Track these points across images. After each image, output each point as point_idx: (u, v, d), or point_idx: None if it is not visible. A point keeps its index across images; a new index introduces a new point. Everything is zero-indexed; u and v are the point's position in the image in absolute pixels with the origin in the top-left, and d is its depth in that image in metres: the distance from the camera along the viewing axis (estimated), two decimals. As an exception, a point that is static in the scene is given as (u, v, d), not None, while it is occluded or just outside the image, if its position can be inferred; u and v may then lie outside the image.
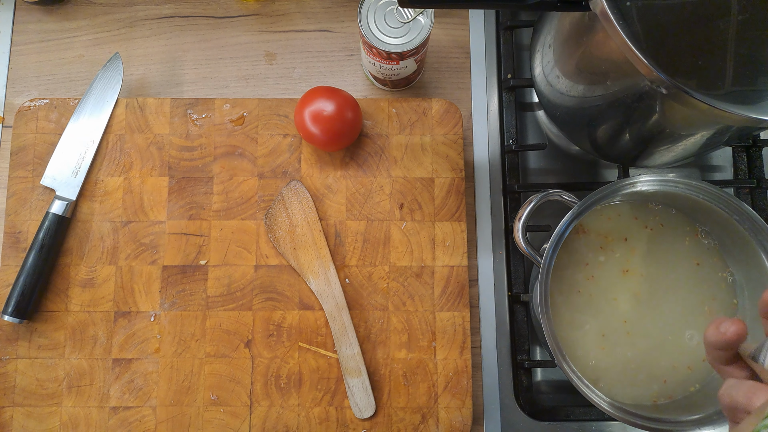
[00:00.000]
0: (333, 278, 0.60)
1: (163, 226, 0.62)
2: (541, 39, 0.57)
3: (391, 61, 0.58)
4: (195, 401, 0.59)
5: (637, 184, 0.51)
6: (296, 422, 0.59)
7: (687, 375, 0.54)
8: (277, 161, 0.63)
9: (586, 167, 0.68)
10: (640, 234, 0.56)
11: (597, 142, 0.59)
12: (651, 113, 0.48)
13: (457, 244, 0.62)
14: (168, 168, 0.63)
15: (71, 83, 0.67)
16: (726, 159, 0.67)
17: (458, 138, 0.64)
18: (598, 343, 0.54)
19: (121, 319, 0.60)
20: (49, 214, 0.60)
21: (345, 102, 0.60)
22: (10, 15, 0.68)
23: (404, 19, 0.57)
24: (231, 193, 0.62)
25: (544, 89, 0.59)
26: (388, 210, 0.62)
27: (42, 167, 0.62)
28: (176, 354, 0.60)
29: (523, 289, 0.62)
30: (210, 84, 0.67)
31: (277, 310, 0.61)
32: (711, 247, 0.56)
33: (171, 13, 0.68)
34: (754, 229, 0.51)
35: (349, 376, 0.59)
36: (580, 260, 0.55)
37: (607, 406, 0.48)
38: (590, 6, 0.42)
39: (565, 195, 0.53)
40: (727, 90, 0.41)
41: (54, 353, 0.60)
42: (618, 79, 0.47)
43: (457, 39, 0.69)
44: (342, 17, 0.69)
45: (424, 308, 0.61)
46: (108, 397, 0.59)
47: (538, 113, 0.69)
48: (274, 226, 0.62)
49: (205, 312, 0.60)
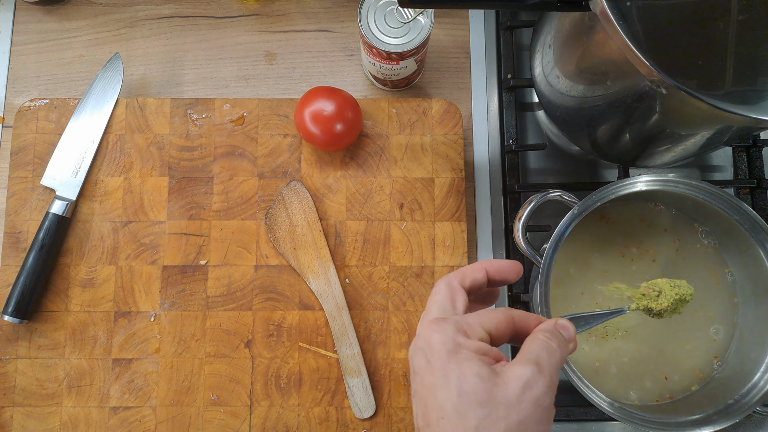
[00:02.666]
0: (333, 278, 0.60)
1: (163, 226, 0.62)
2: (541, 39, 0.57)
3: (391, 61, 0.58)
4: (195, 401, 0.59)
5: (637, 184, 0.51)
6: (296, 422, 0.59)
7: (687, 375, 0.54)
8: (277, 161, 0.63)
9: (586, 167, 0.68)
10: (641, 235, 0.56)
11: (597, 142, 0.59)
12: (651, 113, 0.48)
13: (457, 244, 0.62)
14: (168, 168, 0.63)
15: (71, 83, 0.67)
16: (726, 159, 0.67)
17: (458, 138, 0.64)
18: (598, 343, 0.54)
19: (121, 319, 0.60)
20: (49, 214, 0.60)
21: (345, 102, 0.60)
22: (10, 15, 0.68)
23: (404, 19, 0.57)
24: (231, 193, 0.62)
25: (544, 89, 0.59)
26: (388, 210, 0.62)
27: (42, 167, 0.62)
28: (176, 354, 0.60)
29: (523, 289, 0.62)
30: (210, 84, 0.67)
31: (277, 310, 0.61)
32: (711, 247, 0.56)
33: (171, 13, 0.68)
34: (754, 229, 0.51)
35: (349, 376, 0.59)
36: (581, 260, 0.55)
37: (607, 406, 0.48)
38: (590, 6, 0.42)
39: (565, 195, 0.53)
40: (727, 90, 0.41)
41: (54, 353, 0.60)
42: (618, 79, 0.47)
43: (457, 39, 0.69)
44: (342, 17, 0.69)
45: (424, 308, 0.61)
46: (108, 397, 0.59)
47: (538, 113, 0.69)
48: (274, 226, 0.62)
49: (205, 312, 0.60)
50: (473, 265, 0.39)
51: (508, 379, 0.32)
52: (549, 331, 0.35)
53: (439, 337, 0.33)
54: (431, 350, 0.33)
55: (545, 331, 0.35)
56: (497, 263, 0.39)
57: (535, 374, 0.32)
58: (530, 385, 0.32)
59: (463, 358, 0.33)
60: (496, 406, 0.31)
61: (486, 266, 0.39)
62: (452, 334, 0.33)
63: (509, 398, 0.31)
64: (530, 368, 0.32)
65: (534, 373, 0.32)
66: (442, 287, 0.38)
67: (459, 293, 0.37)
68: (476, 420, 0.31)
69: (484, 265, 0.39)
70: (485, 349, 0.34)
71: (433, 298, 0.38)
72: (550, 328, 0.35)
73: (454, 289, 0.37)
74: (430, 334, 0.34)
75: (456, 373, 0.32)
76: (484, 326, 0.35)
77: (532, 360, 0.33)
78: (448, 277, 0.38)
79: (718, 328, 0.54)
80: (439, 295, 0.37)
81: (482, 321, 0.35)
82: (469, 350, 0.33)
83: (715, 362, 0.54)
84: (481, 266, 0.39)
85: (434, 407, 0.32)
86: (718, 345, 0.54)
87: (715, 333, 0.54)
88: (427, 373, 0.33)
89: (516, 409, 0.31)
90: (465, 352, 0.33)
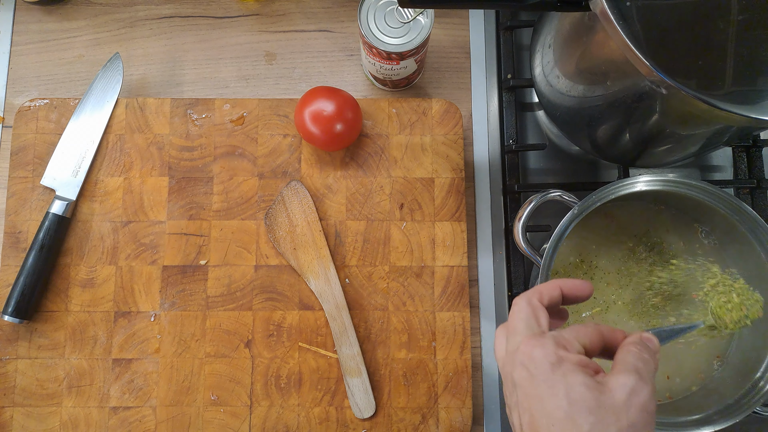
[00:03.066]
0: (333, 278, 0.60)
1: (163, 226, 0.62)
2: (541, 39, 0.57)
3: (391, 61, 0.58)
4: (195, 401, 0.59)
5: (637, 184, 0.51)
6: (296, 422, 0.59)
7: (689, 375, 0.54)
8: (277, 161, 0.63)
9: (586, 167, 0.68)
10: (642, 235, 0.56)
11: (597, 142, 0.59)
12: (651, 113, 0.48)
13: (457, 244, 0.62)
14: (168, 168, 0.63)
15: (71, 83, 0.67)
16: (726, 159, 0.67)
17: (458, 138, 0.64)
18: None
19: (121, 319, 0.60)
20: (49, 214, 0.60)
21: (345, 102, 0.60)
22: (10, 15, 0.68)
23: (404, 19, 0.57)
24: (231, 193, 0.62)
25: (544, 89, 0.59)
26: (388, 210, 0.62)
27: (42, 167, 0.62)
28: (176, 354, 0.60)
29: (523, 289, 0.62)
30: (210, 84, 0.67)
31: (277, 310, 0.61)
32: (711, 247, 0.56)
33: (171, 13, 0.68)
34: (754, 229, 0.51)
35: (349, 376, 0.59)
36: (582, 260, 0.55)
37: (607, 406, 0.48)
38: (590, 6, 0.42)
39: (565, 195, 0.53)
40: (727, 90, 0.41)
41: (54, 353, 0.60)
42: (618, 79, 0.47)
43: (457, 39, 0.69)
44: (342, 17, 0.69)
45: (424, 308, 0.61)
46: (108, 397, 0.59)
47: (538, 113, 0.69)
48: (274, 226, 0.62)
49: (205, 312, 0.60)
50: (548, 283, 0.41)
51: (613, 387, 0.34)
52: (639, 344, 0.37)
53: (541, 352, 0.35)
54: (534, 364, 0.35)
55: (636, 344, 0.37)
56: (570, 282, 0.41)
57: (639, 382, 0.34)
58: (636, 392, 0.34)
59: (567, 370, 0.34)
60: (605, 413, 0.33)
61: (561, 284, 0.40)
62: (553, 348, 0.35)
63: (617, 405, 0.33)
64: (633, 376, 0.34)
65: (638, 381, 0.34)
66: (524, 306, 0.39)
67: (541, 311, 0.39)
68: (588, 425, 0.33)
69: (558, 283, 0.40)
70: (586, 361, 0.35)
71: (517, 316, 0.39)
72: (639, 341, 0.37)
73: (535, 307, 0.39)
74: (530, 349, 0.36)
75: (563, 384, 0.34)
76: (579, 340, 0.37)
77: (632, 369, 0.35)
78: (527, 296, 0.39)
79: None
80: (523, 313, 0.38)
81: (578, 335, 0.37)
82: (571, 362, 0.35)
83: (716, 362, 0.54)
84: (556, 284, 0.40)
85: (543, 416, 0.34)
86: (718, 345, 0.54)
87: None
88: (532, 385, 0.35)
89: (625, 415, 0.33)
90: (568, 365, 0.34)
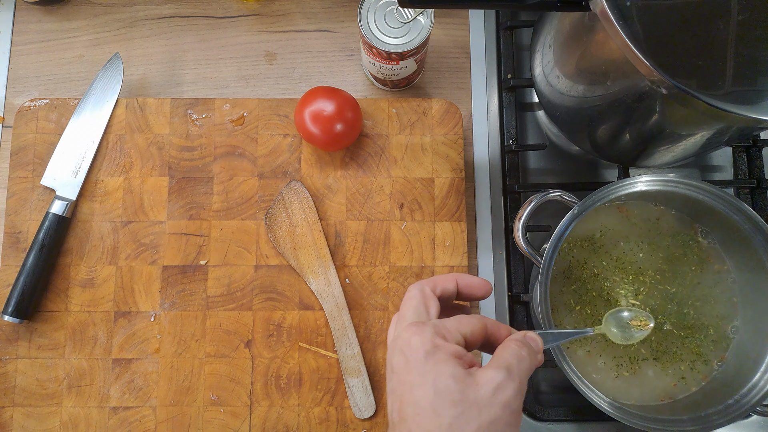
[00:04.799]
0: (333, 278, 0.60)
1: (163, 226, 0.62)
2: (541, 39, 0.57)
3: (391, 61, 0.58)
4: (195, 401, 0.59)
5: (637, 184, 0.51)
6: (296, 422, 0.59)
7: (688, 375, 0.53)
8: (277, 161, 0.63)
9: (586, 167, 0.68)
10: (641, 235, 0.56)
11: (597, 142, 0.59)
12: (651, 113, 0.48)
13: (457, 244, 0.62)
14: (168, 168, 0.63)
15: (71, 83, 0.67)
16: (726, 159, 0.67)
17: (458, 138, 0.64)
18: (598, 342, 0.54)
19: (121, 319, 0.60)
20: (49, 214, 0.60)
21: (345, 102, 0.60)
22: (10, 15, 0.68)
23: (404, 19, 0.57)
24: (231, 193, 0.62)
25: (544, 89, 0.59)
26: (388, 210, 0.62)
27: (42, 167, 0.62)
28: (176, 354, 0.60)
29: (523, 289, 0.62)
30: (210, 84, 0.67)
31: (277, 310, 0.61)
32: (711, 247, 0.56)
33: (171, 13, 0.68)
34: (754, 229, 0.51)
35: (349, 376, 0.59)
36: (582, 260, 0.55)
37: (607, 406, 0.48)
38: (590, 6, 0.42)
39: (565, 195, 0.53)
40: (727, 90, 0.41)
41: (54, 353, 0.60)
42: (618, 79, 0.47)
43: (457, 39, 0.69)
44: (342, 17, 0.69)
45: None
46: (108, 397, 0.59)
47: (538, 113, 0.69)
48: (274, 226, 0.62)
49: (205, 312, 0.60)
50: (445, 275, 0.41)
51: (480, 381, 0.34)
52: (520, 341, 0.37)
53: (419, 339, 0.36)
54: (410, 351, 0.36)
55: (516, 341, 0.37)
56: (468, 278, 0.41)
57: (506, 378, 0.34)
58: (501, 388, 0.34)
59: (439, 359, 0.35)
60: (468, 406, 0.33)
61: (457, 278, 0.41)
62: (431, 336, 0.36)
63: (481, 399, 0.34)
64: (502, 372, 0.35)
65: (505, 377, 0.34)
66: (416, 293, 0.40)
67: (432, 300, 0.39)
68: (450, 418, 0.33)
69: (455, 276, 0.41)
70: (461, 352, 0.36)
71: (407, 302, 0.39)
72: (521, 338, 0.38)
73: (427, 295, 0.40)
74: (410, 336, 0.36)
75: (432, 373, 0.34)
76: (460, 331, 0.37)
77: (503, 365, 0.35)
78: (421, 284, 0.40)
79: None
80: (414, 301, 0.39)
81: (459, 326, 0.37)
82: (445, 352, 0.35)
83: (716, 362, 0.54)
84: (453, 277, 0.41)
85: (410, 404, 0.34)
86: (718, 345, 0.54)
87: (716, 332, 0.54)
88: (405, 372, 0.35)
89: (487, 410, 0.33)
90: (442, 354, 0.35)
